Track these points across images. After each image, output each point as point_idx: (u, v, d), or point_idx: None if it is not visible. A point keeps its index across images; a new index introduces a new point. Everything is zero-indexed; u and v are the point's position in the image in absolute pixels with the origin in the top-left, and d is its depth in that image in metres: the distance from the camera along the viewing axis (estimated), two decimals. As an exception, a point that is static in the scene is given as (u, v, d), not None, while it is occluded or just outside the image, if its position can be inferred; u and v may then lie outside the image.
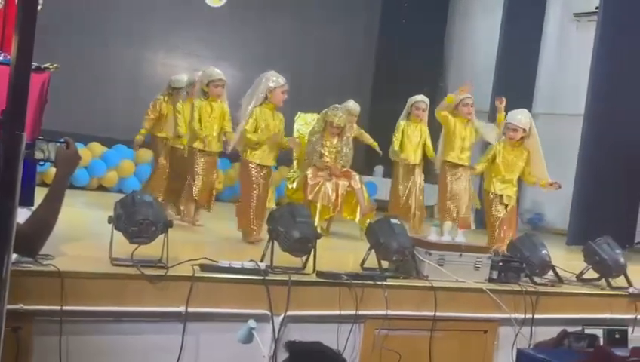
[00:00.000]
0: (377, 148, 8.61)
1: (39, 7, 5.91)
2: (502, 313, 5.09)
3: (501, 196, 6.89)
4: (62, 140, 2.99)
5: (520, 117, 6.93)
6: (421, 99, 8.11)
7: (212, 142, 6.92)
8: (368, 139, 8.64)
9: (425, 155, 8.06)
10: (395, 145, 7.99)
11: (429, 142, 8.00)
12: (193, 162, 6.96)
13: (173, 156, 7.69)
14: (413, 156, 7.98)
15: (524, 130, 6.88)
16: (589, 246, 5.87)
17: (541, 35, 11.39)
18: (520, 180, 7.18)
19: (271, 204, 6.78)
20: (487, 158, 6.96)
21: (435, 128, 8.05)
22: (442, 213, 7.35)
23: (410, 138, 8.00)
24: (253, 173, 6.31)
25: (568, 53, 11.31)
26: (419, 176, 8.06)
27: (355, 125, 8.39)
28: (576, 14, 11.27)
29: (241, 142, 6.41)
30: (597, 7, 9.87)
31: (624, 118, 9.44)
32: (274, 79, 6.36)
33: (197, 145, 6.92)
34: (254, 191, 6.29)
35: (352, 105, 8.36)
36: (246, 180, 6.40)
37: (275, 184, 10.20)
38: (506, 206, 6.90)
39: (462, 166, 7.55)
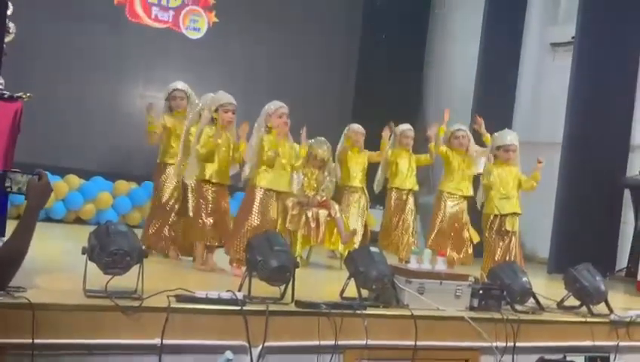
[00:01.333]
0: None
1: (11, 37, 5.90)
2: (483, 341, 5.04)
3: (503, 219, 6.91)
4: (34, 172, 2.95)
5: (511, 137, 7.12)
6: (408, 127, 8.37)
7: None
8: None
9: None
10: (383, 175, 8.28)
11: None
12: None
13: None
14: (406, 183, 8.22)
15: (515, 150, 7.10)
16: (570, 273, 5.84)
17: (518, 63, 11.48)
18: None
19: None
20: (486, 185, 7.02)
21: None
22: (430, 240, 7.51)
23: (400, 166, 8.19)
24: (259, 198, 6.08)
25: (545, 82, 11.41)
26: (411, 204, 8.21)
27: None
28: (553, 44, 11.39)
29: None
30: (573, 37, 9.98)
31: (602, 146, 9.52)
32: (267, 107, 6.37)
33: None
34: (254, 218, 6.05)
35: (356, 126, 8.44)
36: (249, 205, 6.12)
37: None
38: (508, 232, 6.91)
39: (459, 195, 7.71)
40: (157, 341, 4.00)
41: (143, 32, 10.67)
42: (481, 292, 5.27)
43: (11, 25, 6.19)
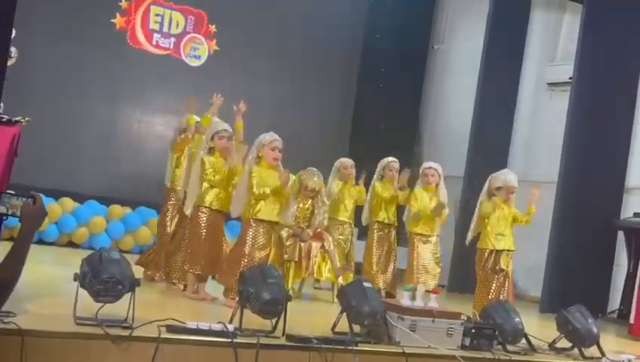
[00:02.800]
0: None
1: (13, 61, 5.92)
2: (474, 381, 5.01)
3: (498, 255, 6.99)
4: (29, 195, 2.94)
5: (513, 178, 7.25)
6: (393, 160, 8.34)
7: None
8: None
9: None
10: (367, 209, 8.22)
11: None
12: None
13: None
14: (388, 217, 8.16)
15: (514, 191, 7.23)
16: (562, 314, 5.83)
17: (516, 103, 11.53)
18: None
19: None
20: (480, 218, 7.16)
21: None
22: (410, 279, 7.55)
23: (384, 199, 8.13)
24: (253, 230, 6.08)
25: (542, 121, 11.45)
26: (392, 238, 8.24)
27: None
28: (550, 84, 11.46)
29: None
30: (570, 77, 10.05)
31: (597, 186, 9.54)
32: (262, 137, 6.39)
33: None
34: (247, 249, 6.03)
35: (344, 160, 8.49)
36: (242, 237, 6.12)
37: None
38: (503, 270, 6.97)
39: (429, 235, 7.84)
40: (146, 372, 3.97)
41: (144, 57, 10.71)
42: (473, 331, 5.24)
43: (13, 49, 6.21)
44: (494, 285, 6.87)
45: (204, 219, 6.30)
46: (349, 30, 12.28)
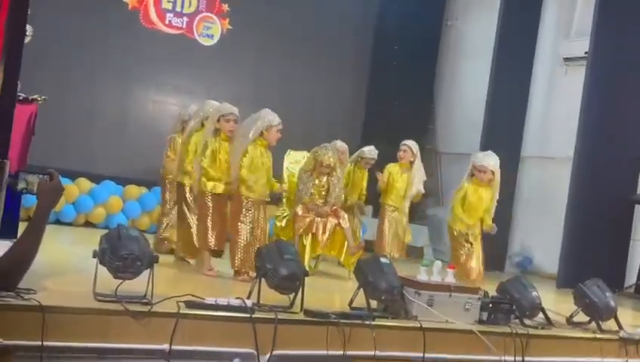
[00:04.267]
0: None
1: (28, 39, 5.93)
2: (491, 355, 5.01)
3: (466, 234, 7.26)
4: (46, 173, 2.96)
5: (489, 159, 7.32)
6: (369, 150, 8.67)
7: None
8: None
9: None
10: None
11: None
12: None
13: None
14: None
15: (493, 172, 7.26)
16: (579, 288, 5.82)
17: (530, 79, 11.47)
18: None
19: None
20: (458, 198, 7.30)
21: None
22: (379, 249, 8.11)
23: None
24: (245, 208, 6.26)
25: (557, 97, 11.38)
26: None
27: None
28: (566, 59, 11.36)
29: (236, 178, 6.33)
30: (586, 52, 9.96)
31: (613, 161, 9.48)
32: (270, 118, 6.45)
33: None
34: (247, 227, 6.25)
35: (340, 144, 8.43)
36: (239, 216, 6.30)
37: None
38: (471, 244, 7.28)
39: (398, 206, 8.33)
40: (166, 346, 4.00)
41: (157, 37, 10.70)
42: (490, 305, 5.25)
43: (28, 28, 6.21)
44: (463, 257, 7.25)
45: (210, 202, 6.43)
46: (361, 8, 12.21)
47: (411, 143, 8.41)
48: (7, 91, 2.34)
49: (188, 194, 7.00)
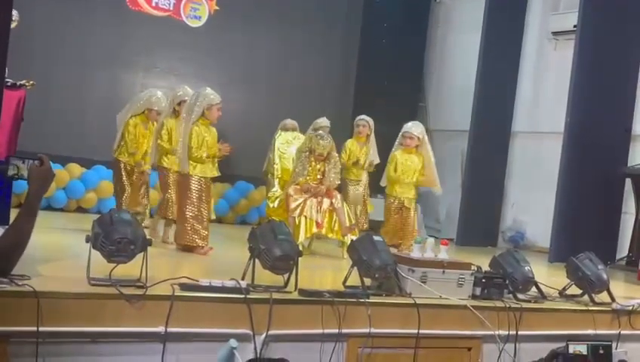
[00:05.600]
0: None
1: (14, 24, 5.89)
2: (485, 330, 5.05)
3: (401, 200, 7.92)
4: (36, 158, 2.95)
5: (414, 127, 8.09)
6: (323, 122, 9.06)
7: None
8: None
9: None
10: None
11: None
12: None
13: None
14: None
15: (418, 138, 7.99)
16: (572, 262, 5.85)
17: (520, 54, 11.46)
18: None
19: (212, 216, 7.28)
20: (391, 167, 7.98)
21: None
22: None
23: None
24: (195, 186, 6.59)
25: (547, 72, 11.39)
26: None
27: None
28: (555, 33, 11.35)
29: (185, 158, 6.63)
30: (575, 26, 9.95)
31: (603, 135, 9.50)
32: (211, 97, 6.68)
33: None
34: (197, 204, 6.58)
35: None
36: (187, 193, 6.61)
37: (256, 203, 10.18)
38: (408, 209, 7.95)
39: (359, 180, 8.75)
40: (161, 329, 4.02)
41: (144, 20, 10.62)
42: (483, 280, 5.27)
43: (15, 12, 6.17)
44: (398, 224, 7.96)
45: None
46: (350, -16, 12.16)
47: (368, 118, 8.77)
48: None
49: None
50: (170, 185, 7.24)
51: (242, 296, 4.30)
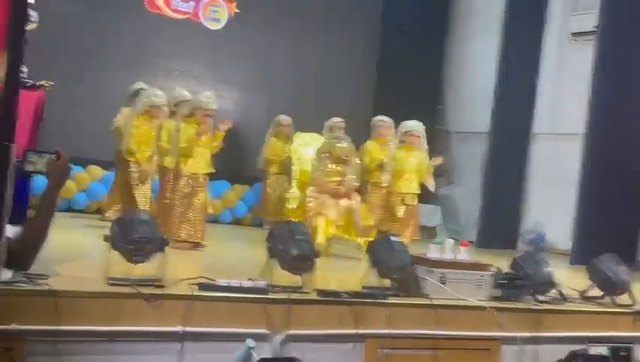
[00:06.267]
0: None
1: (35, 25, 5.94)
2: (505, 331, 5.01)
3: (403, 196, 7.91)
4: (52, 152, 2.95)
5: (417, 125, 8.08)
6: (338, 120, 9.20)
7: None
8: None
9: None
10: None
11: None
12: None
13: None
14: None
15: (418, 135, 8.02)
16: (594, 263, 5.79)
17: (539, 55, 11.37)
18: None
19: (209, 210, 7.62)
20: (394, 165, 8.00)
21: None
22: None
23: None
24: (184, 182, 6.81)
25: (567, 73, 11.28)
26: None
27: None
28: (574, 34, 11.26)
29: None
30: (595, 27, 9.87)
31: (624, 136, 9.41)
32: (202, 98, 6.98)
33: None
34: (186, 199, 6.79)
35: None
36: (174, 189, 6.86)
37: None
38: (408, 205, 7.93)
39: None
40: (179, 328, 4.02)
41: (163, 22, 10.66)
42: (503, 282, 5.23)
43: (33, 13, 6.22)
44: (399, 217, 7.90)
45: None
46: (369, -13, 12.15)
47: (387, 119, 8.59)
48: (11, 76, 2.33)
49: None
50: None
51: (260, 296, 4.29)
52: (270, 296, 4.36)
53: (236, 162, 10.47)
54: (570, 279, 6.64)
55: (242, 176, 10.54)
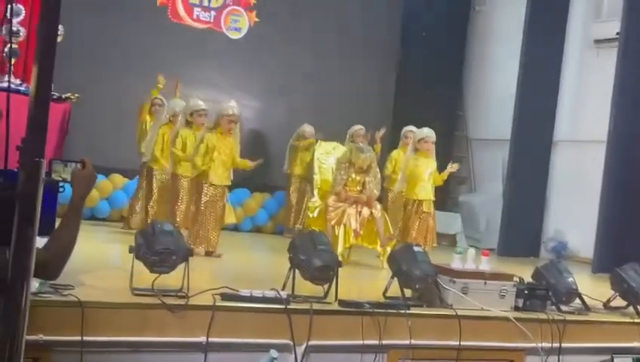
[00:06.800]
0: None
1: (60, 38, 5.99)
2: (528, 342, 4.99)
3: (419, 202, 7.85)
4: (77, 161, 2.97)
5: (429, 131, 8.05)
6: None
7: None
8: None
9: None
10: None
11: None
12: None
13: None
14: None
15: (433, 142, 8.02)
16: (616, 273, 5.75)
17: (561, 61, 11.32)
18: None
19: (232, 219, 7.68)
20: (407, 171, 8.00)
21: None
22: None
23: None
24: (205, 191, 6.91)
25: (589, 80, 11.22)
26: None
27: None
28: (597, 41, 11.20)
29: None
30: (617, 33, 9.81)
31: (647, 144, 9.34)
32: (225, 107, 7.11)
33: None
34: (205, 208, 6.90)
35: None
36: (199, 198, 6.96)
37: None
38: (425, 212, 7.86)
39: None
40: (203, 339, 4.05)
41: (185, 32, 10.73)
42: (526, 292, 5.21)
43: (60, 27, 6.28)
44: (416, 225, 7.82)
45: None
46: (389, -6, 12.16)
47: (416, 129, 8.57)
48: (42, 91, 2.36)
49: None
50: (180, 191, 7.49)
51: (283, 307, 4.31)
52: (292, 306, 4.37)
53: (257, 170, 10.46)
54: (592, 288, 6.60)
55: (263, 185, 10.58)
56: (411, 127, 8.88)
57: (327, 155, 8.26)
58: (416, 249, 5.10)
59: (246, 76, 10.94)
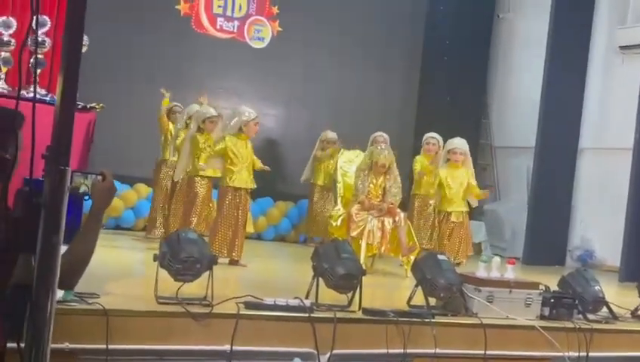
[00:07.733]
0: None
1: (84, 49, 6.05)
2: (555, 351, 4.93)
3: (450, 213, 8.02)
4: (98, 173, 2.98)
5: (460, 142, 8.21)
6: (380, 134, 9.23)
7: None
8: None
9: None
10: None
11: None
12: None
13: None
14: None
15: (463, 153, 8.13)
16: (643, 281, 5.68)
17: (586, 68, 11.23)
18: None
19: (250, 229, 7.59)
20: (440, 184, 8.09)
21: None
22: None
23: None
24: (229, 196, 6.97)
25: (615, 86, 11.12)
26: None
27: None
28: (622, 47, 11.10)
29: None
30: (643, 40, 9.73)
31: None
32: (247, 114, 7.19)
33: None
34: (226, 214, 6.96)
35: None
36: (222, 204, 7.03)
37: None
38: (455, 222, 7.99)
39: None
40: (227, 347, 4.05)
41: (208, 42, 10.79)
42: (552, 300, 5.16)
43: (85, 37, 6.35)
44: (447, 234, 7.99)
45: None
46: (411, 2, 12.14)
47: (438, 136, 8.87)
48: (67, 99, 2.38)
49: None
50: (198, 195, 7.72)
51: (306, 315, 4.30)
52: (316, 314, 4.36)
53: (280, 179, 10.53)
54: (620, 297, 6.52)
55: (286, 193, 10.59)
56: (433, 134, 8.97)
57: (349, 163, 8.24)
58: (440, 257, 5.07)
59: (269, 85, 10.98)
